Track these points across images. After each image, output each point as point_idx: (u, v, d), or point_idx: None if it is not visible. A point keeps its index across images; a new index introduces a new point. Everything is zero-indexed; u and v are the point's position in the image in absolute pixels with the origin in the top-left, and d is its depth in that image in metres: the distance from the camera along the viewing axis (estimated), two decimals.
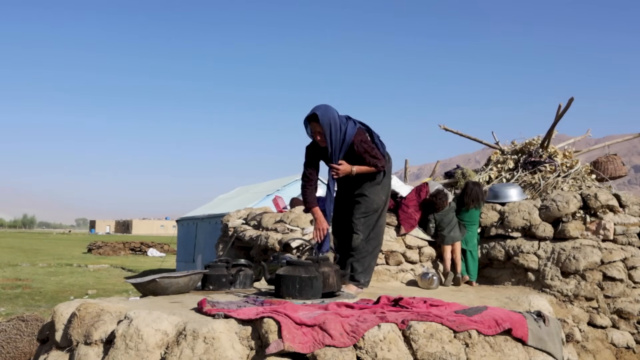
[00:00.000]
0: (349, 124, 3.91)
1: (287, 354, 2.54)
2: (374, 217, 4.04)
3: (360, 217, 4.01)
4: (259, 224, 6.07)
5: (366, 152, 3.87)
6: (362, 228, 4.01)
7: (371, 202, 4.00)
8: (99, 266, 18.80)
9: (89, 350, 2.76)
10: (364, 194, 4.00)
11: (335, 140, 3.85)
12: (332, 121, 3.82)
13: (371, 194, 4.00)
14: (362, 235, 4.01)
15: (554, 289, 4.76)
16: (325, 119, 3.80)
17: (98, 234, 79.95)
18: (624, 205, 5.15)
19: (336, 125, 3.84)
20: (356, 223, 4.01)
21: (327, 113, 3.83)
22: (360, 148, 3.86)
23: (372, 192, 4.00)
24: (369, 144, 3.89)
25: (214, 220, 12.76)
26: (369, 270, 4.09)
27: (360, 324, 2.67)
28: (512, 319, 2.92)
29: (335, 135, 3.84)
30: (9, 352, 4.83)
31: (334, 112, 3.87)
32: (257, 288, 4.13)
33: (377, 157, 3.89)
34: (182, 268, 14.74)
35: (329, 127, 3.81)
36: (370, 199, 3.99)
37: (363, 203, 3.99)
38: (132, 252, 28.40)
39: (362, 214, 4.00)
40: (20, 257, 22.42)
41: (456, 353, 2.67)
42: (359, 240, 4.01)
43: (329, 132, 3.82)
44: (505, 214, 5.32)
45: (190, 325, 2.64)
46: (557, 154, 6.31)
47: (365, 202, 3.99)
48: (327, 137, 3.84)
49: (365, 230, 4.02)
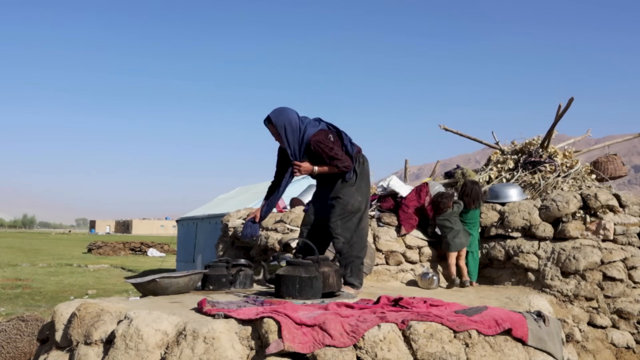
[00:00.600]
0: (310, 125, 3.99)
1: (287, 354, 2.54)
2: (353, 220, 4.01)
3: (336, 219, 4.00)
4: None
5: (323, 152, 3.92)
6: (340, 231, 3.99)
7: (345, 204, 3.99)
8: (99, 266, 18.80)
9: (89, 350, 2.76)
10: (338, 196, 4.02)
11: (292, 140, 3.96)
12: (287, 122, 3.93)
13: (345, 195, 4.00)
14: (342, 239, 3.99)
15: (554, 289, 4.76)
16: (279, 121, 3.94)
17: (98, 234, 79.96)
18: (624, 205, 5.15)
19: (292, 127, 3.94)
20: (333, 227, 4.00)
21: (281, 115, 3.96)
22: (316, 148, 3.91)
23: (345, 194, 4.01)
24: (326, 144, 3.92)
25: (214, 220, 12.76)
26: (358, 273, 4.07)
27: (360, 324, 2.67)
28: (512, 319, 2.92)
29: (291, 136, 3.95)
30: (9, 352, 4.83)
31: (290, 114, 3.97)
32: (257, 288, 4.13)
33: (336, 157, 3.92)
34: (182, 268, 14.74)
35: (283, 129, 3.94)
36: (345, 201, 3.99)
37: (338, 206, 4.01)
38: (132, 252, 28.39)
39: (338, 217, 4.00)
40: (20, 257, 22.43)
41: (456, 353, 2.67)
42: (340, 244, 3.99)
43: (284, 134, 3.95)
44: (505, 214, 5.32)
45: (190, 325, 2.64)
46: (557, 154, 6.31)
47: (340, 204, 4.00)
48: (284, 138, 3.96)
49: (346, 234, 3.99)
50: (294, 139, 3.95)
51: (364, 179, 4.10)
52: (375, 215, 5.66)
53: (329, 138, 3.95)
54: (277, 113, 3.98)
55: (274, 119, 3.95)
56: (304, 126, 3.97)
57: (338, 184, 4.03)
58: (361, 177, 4.07)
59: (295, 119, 3.97)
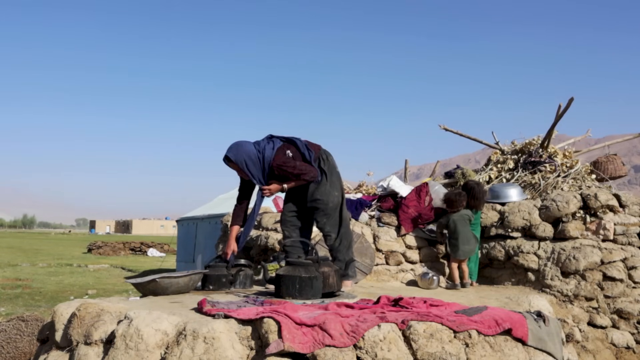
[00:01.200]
0: (267, 148, 4.04)
1: (287, 354, 2.55)
2: (335, 214, 4.18)
3: (323, 219, 4.15)
4: (259, 224, 6.07)
5: (287, 172, 4.01)
6: (330, 228, 4.16)
7: (327, 203, 4.12)
8: (99, 266, 18.80)
9: (89, 350, 2.76)
10: (317, 198, 4.12)
11: (255, 172, 4.04)
12: (246, 157, 3.99)
13: (323, 195, 4.11)
14: (333, 235, 4.16)
15: (554, 289, 4.76)
16: (239, 158, 3.99)
17: (98, 234, 79.95)
18: (624, 205, 5.15)
19: (252, 159, 4.00)
20: (322, 227, 4.17)
21: (239, 152, 4.00)
22: (280, 171, 4.01)
23: (323, 194, 4.12)
24: (288, 164, 4.00)
25: (214, 220, 12.75)
26: (350, 264, 4.24)
27: (360, 324, 2.67)
28: (512, 319, 2.92)
29: (253, 167, 4.02)
30: (9, 352, 4.83)
31: (247, 147, 4.02)
32: (256, 288, 4.13)
33: (302, 172, 4.01)
34: (182, 268, 14.74)
35: (244, 164, 4.00)
36: (325, 201, 4.11)
37: (319, 207, 4.13)
38: (132, 252, 28.39)
39: (324, 216, 4.15)
40: (20, 257, 22.42)
41: (456, 353, 2.67)
42: (332, 241, 4.17)
43: (246, 168, 4.01)
44: (505, 214, 5.32)
45: (190, 325, 2.64)
46: (557, 154, 6.31)
47: (321, 204, 4.12)
48: (246, 172, 4.02)
49: (334, 229, 4.16)
50: (257, 169, 4.04)
51: (334, 173, 4.21)
52: (375, 215, 5.66)
53: (288, 155, 4.04)
54: (235, 151, 4.01)
55: (233, 157, 3.99)
56: (261, 153, 4.03)
57: (312, 187, 4.12)
58: (330, 173, 4.17)
59: (253, 150, 4.02)
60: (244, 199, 4.31)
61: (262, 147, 4.06)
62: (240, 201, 4.31)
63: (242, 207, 4.30)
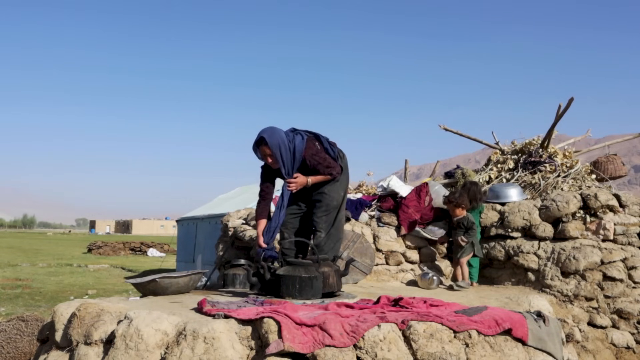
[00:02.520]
0: (297, 138, 4.01)
1: (287, 354, 2.55)
2: (333, 214, 4.14)
3: (322, 215, 4.10)
4: None
5: (319, 164, 3.99)
6: (324, 226, 4.12)
7: (331, 200, 4.10)
8: (99, 266, 18.80)
9: (89, 350, 2.76)
10: (323, 192, 4.09)
11: (286, 159, 3.98)
12: (281, 142, 3.94)
13: (331, 191, 4.10)
14: (324, 233, 4.13)
15: (554, 289, 4.76)
16: (273, 141, 3.92)
17: (98, 234, 79.95)
18: (624, 205, 5.15)
19: (285, 145, 3.95)
20: (318, 222, 4.11)
21: (274, 135, 3.94)
22: (312, 161, 3.98)
23: (331, 190, 4.10)
24: (320, 155, 3.99)
25: (214, 220, 12.75)
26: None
27: (360, 324, 2.67)
28: (512, 319, 2.92)
29: (285, 154, 3.96)
30: (9, 352, 4.83)
31: (281, 133, 3.98)
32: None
33: (330, 166, 4.01)
34: (182, 268, 14.74)
35: (278, 149, 3.93)
36: (330, 197, 4.09)
37: (323, 201, 4.09)
38: (132, 252, 28.39)
39: (324, 212, 4.11)
40: (20, 257, 22.42)
41: (456, 353, 2.67)
42: (321, 238, 4.12)
43: (279, 154, 3.94)
44: (505, 214, 5.32)
45: (190, 325, 2.64)
46: (557, 154, 6.31)
47: (325, 199, 4.09)
48: (278, 158, 3.95)
49: (327, 228, 4.13)
50: (287, 157, 3.98)
51: (345, 173, 4.20)
52: (375, 215, 5.66)
53: (317, 147, 4.03)
54: (270, 134, 3.94)
55: (269, 139, 3.91)
56: (292, 143, 3.99)
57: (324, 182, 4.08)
58: (344, 172, 4.18)
59: (285, 137, 3.99)
60: (267, 194, 4.22)
61: (291, 137, 4.01)
62: (264, 197, 4.21)
63: (267, 203, 4.22)
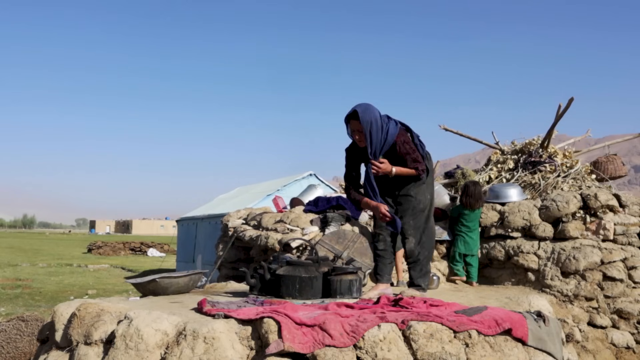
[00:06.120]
0: (391, 123, 3.82)
1: (287, 354, 2.54)
2: (421, 218, 3.93)
3: (408, 219, 3.89)
4: (259, 224, 6.06)
5: (408, 153, 3.79)
6: (412, 232, 3.91)
7: (417, 203, 3.88)
8: (99, 266, 18.81)
9: (89, 350, 2.76)
10: (409, 194, 3.88)
11: (376, 139, 3.74)
12: (373, 120, 3.71)
13: (417, 194, 3.88)
14: (414, 240, 3.92)
15: (554, 289, 4.76)
16: (365, 117, 3.69)
17: (98, 234, 79.97)
18: (624, 205, 5.15)
19: (377, 124, 3.72)
20: (405, 228, 3.89)
21: (367, 111, 3.72)
22: (402, 149, 3.78)
23: (417, 193, 3.89)
24: (411, 145, 3.81)
25: (214, 220, 12.76)
26: (426, 274, 4.05)
27: (360, 324, 2.66)
28: (512, 319, 2.92)
29: (376, 134, 3.73)
30: (9, 352, 4.83)
31: (376, 111, 3.76)
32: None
33: (418, 160, 3.81)
34: (182, 268, 14.75)
35: (369, 126, 3.70)
36: (417, 200, 3.88)
37: (409, 204, 3.88)
38: (132, 252, 28.42)
39: (410, 217, 3.89)
40: (20, 257, 22.43)
41: (456, 353, 2.67)
42: (412, 245, 3.92)
43: (369, 131, 3.71)
44: (505, 214, 5.32)
45: (190, 325, 2.64)
46: (557, 154, 6.31)
47: (411, 202, 3.88)
48: (367, 136, 3.72)
49: (416, 234, 3.92)
50: (377, 137, 3.74)
51: (431, 175, 4.02)
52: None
53: (409, 137, 3.85)
54: (363, 109, 3.71)
55: (361, 114, 3.69)
56: (386, 125, 3.78)
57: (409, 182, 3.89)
58: (430, 174, 3.99)
59: (379, 117, 3.76)
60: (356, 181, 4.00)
61: (386, 120, 3.80)
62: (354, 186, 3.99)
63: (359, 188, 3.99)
